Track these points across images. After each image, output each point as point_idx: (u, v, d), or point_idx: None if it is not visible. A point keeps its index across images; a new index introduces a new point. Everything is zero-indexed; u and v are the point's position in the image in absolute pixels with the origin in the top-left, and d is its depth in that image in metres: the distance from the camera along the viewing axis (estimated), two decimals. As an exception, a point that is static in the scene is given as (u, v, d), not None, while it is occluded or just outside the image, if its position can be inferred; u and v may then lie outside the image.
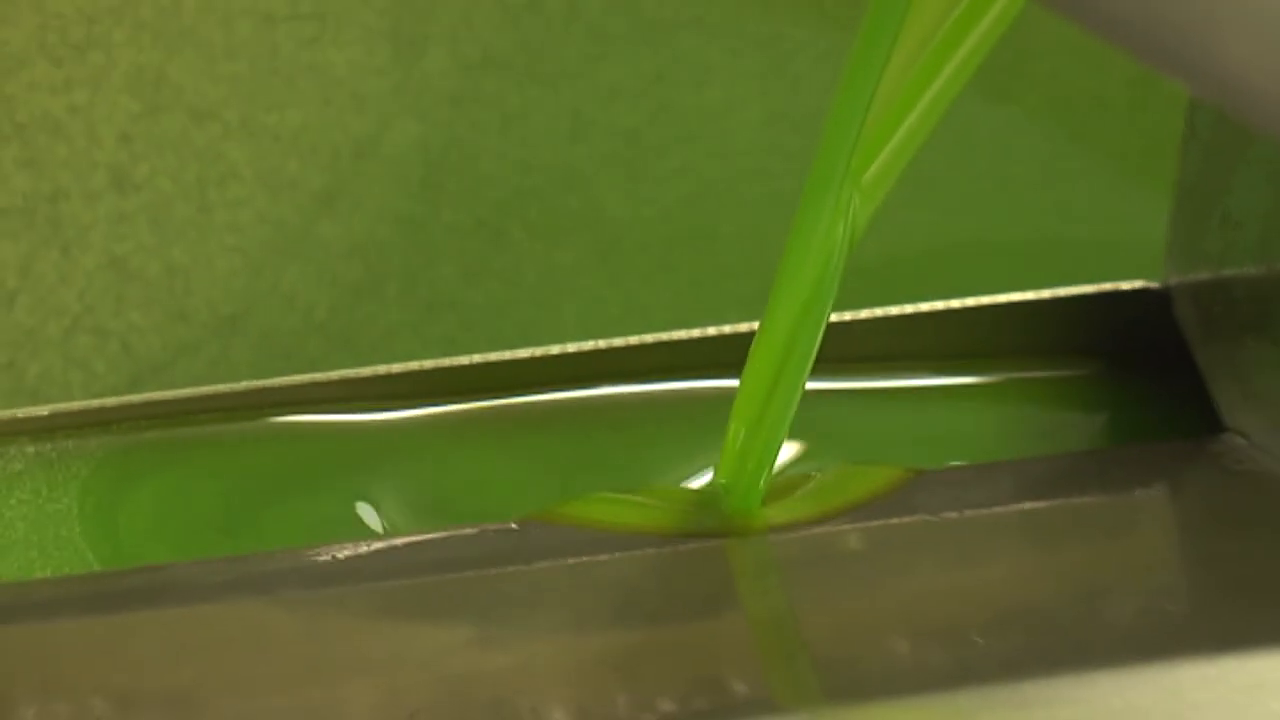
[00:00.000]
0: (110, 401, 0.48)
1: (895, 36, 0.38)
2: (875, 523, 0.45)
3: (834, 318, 0.44)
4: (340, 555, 0.45)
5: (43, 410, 0.47)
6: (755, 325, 0.46)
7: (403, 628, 0.43)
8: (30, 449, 0.47)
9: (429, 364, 0.49)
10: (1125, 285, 0.50)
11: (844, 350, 0.46)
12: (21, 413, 0.48)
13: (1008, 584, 0.44)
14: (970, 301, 0.50)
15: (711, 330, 0.49)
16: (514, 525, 0.47)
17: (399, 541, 0.46)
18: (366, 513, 0.47)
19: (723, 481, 0.45)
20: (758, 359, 0.43)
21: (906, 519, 0.46)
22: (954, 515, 0.46)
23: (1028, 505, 0.48)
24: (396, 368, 0.49)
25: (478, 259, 0.56)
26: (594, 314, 0.55)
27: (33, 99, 0.58)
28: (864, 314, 0.48)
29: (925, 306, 0.50)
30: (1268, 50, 0.25)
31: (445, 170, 0.58)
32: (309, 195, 0.57)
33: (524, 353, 0.49)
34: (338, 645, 0.42)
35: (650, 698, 0.38)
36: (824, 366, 0.44)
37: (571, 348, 0.49)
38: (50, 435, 0.48)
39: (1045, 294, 0.50)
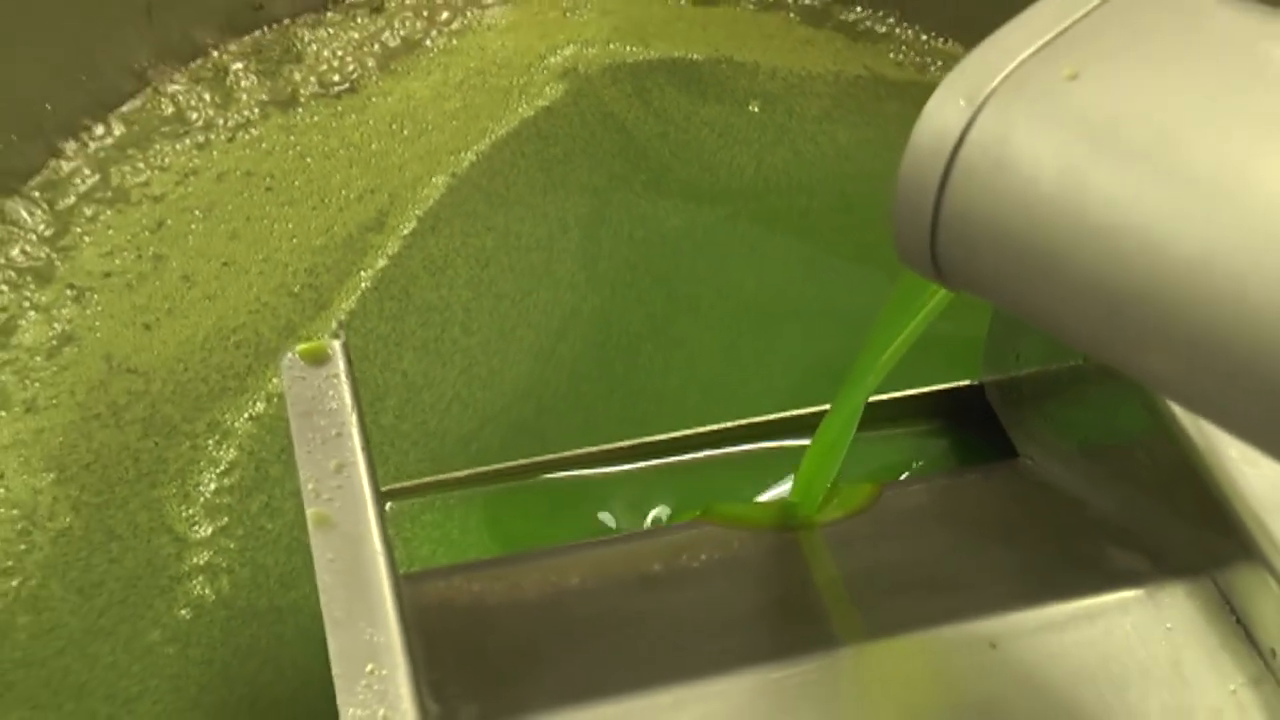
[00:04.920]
0: (487, 468, 0.49)
1: (901, 319, 0.36)
2: (869, 516, 0.45)
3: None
4: (603, 540, 0.45)
5: (461, 473, 0.49)
6: (798, 411, 0.49)
7: (638, 574, 0.43)
8: (457, 493, 0.49)
9: (619, 444, 0.50)
10: (963, 383, 0.50)
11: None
12: (448, 475, 0.49)
13: (927, 551, 0.42)
14: (891, 395, 0.50)
15: (775, 415, 0.50)
16: (680, 524, 0.46)
17: (631, 532, 0.46)
18: (591, 518, 0.49)
19: (794, 499, 0.45)
20: (819, 439, 0.42)
21: (881, 513, 0.45)
22: (902, 508, 0.45)
23: (930, 499, 0.47)
24: (603, 447, 0.50)
25: (632, 362, 0.56)
26: (687, 386, 0.55)
27: (422, 293, 0.59)
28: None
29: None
30: (1173, 364, 0.23)
31: (612, 319, 0.58)
32: (551, 333, 0.57)
33: (677, 433, 0.50)
34: (605, 590, 0.42)
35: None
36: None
37: (705, 429, 0.50)
38: (465, 485, 0.49)
39: (925, 389, 0.50)
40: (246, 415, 0.55)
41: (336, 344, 0.36)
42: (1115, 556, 0.39)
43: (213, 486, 0.52)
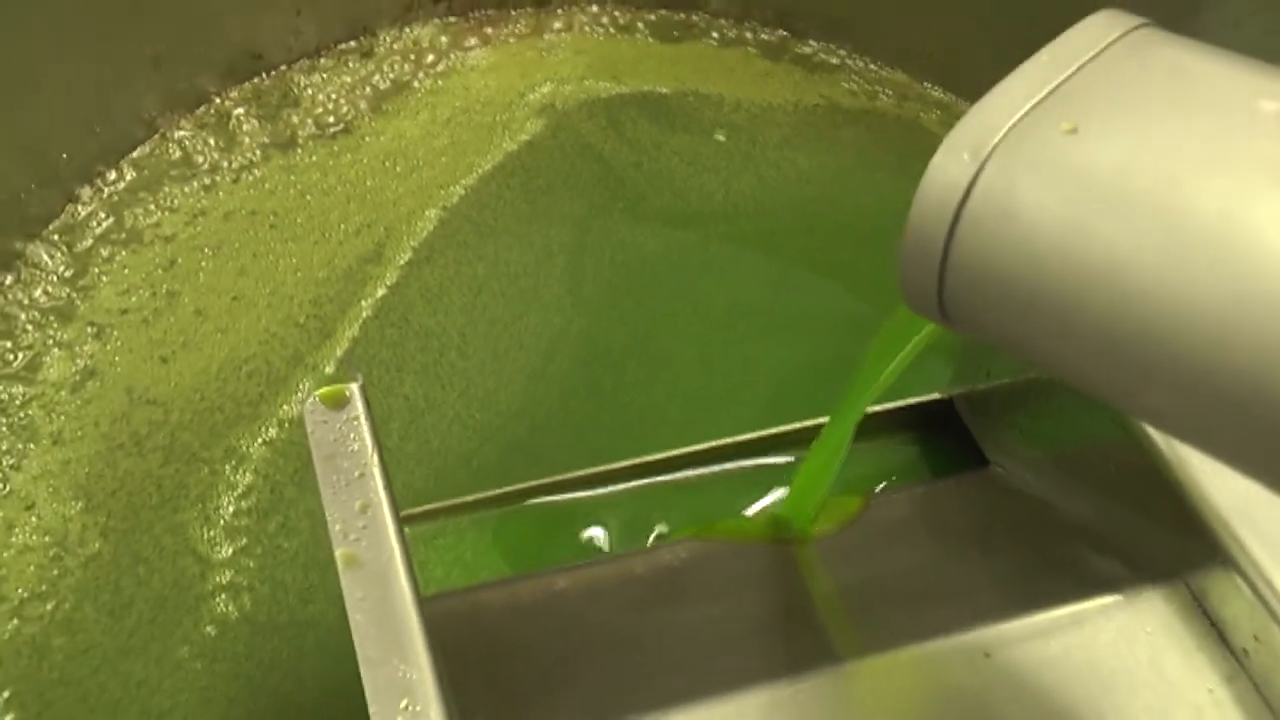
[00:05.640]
0: (494, 492, 0.47)
1: (887, 359, 0.35)
2: (857, 528, 0.43)
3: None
4: (603, 560, 0.43)
5: (469, 498, 0.47)
6: (789, 427, 0.46)
7: (646, 592, 0.41)
8: (468, 517, 0.47)
9: (605, 467, 0.48)
10: (933, 396, 0.48)
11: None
12: (464, 499, 0.47)
13: (912, 563, 0.41)
14: (874, 408, 0.47)
15: (763, 432, 0.48)
16: (678, 540, 0.45)
17: (625, 552, 0.44)
18: (593, 537, 0.47)
19: (786, 513, 0.43)
20: (815, 454, 0.41)
21: (868, 524, 0.43)
22: (888, 519, 0.43)
23: (913, 510, 0.45)
24: (587, 471, 0.47)
25: (618, 378, 0.55)
26: (670, 398, 0.54)
27: (420, 320, 0.57)
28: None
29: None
30: (1176, 404, 0.22)
31: (597, 338, 0.57)
32: (541, 353, 0.56)
33: (673, 452, 0.48)
34: (613, 608, 0.40)
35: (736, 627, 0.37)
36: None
37: (695, 448, 0.48)
38: (477, 509, 0.47)
39: (903, 402, 0.48)
40: (260, 440, 0.53)
41: (355, 387, 0.34)
42: (1093, 562, 0.37)
43: (231, 509, 0.51)
